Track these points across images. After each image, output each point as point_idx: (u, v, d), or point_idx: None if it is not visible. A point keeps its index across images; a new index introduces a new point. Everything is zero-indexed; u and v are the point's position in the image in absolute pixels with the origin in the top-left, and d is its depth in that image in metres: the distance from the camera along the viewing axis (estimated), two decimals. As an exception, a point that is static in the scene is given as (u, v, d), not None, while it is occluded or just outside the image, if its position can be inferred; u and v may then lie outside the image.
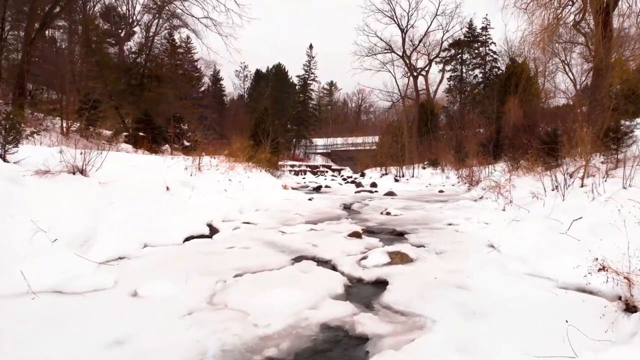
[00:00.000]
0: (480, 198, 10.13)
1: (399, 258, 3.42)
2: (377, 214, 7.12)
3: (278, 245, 4.23)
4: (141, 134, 18.24)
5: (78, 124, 15.55)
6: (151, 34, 26.92)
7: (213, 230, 4.78)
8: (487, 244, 4.29)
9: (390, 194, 11.07)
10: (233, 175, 9.87)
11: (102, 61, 24.00)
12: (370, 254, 3.59)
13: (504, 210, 6.40)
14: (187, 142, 19.65)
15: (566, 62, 32.94)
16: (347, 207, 8.63)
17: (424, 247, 4.28)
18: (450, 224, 5.72)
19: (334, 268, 3.50)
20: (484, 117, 22.55)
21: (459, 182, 17.15)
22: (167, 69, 24.59)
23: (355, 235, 4.53)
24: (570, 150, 9.25)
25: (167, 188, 5.62)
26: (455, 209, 7.54)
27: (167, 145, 18.08)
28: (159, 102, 23.19)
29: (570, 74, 31.22)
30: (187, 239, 4.38)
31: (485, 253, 3.89)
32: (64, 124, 14.88)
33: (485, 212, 6.43)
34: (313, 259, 3.82)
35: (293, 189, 16.08)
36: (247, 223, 5.51)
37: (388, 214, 6.78)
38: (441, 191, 13.14)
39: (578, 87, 32.17)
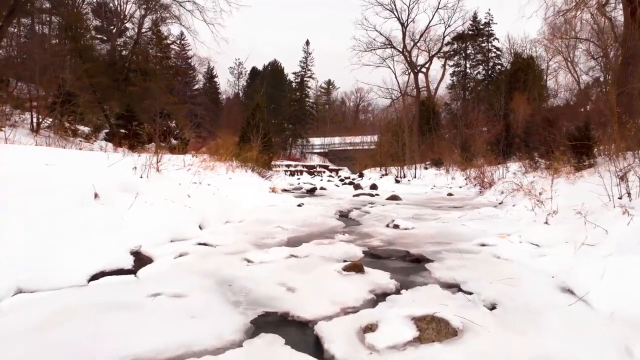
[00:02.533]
0: (501, 204, 8.64)
1: (433, 329, 1.91)
2: (381, 225, 5.60)
3: (234, 289, 2.70)
4: (122, 131, 16.76)
5: (51, 120, 14.05)
6: (138, 26, 25.71)
7: (142, 261, 3.22)
8: (559, 285, 2.78)
9: (394, 198, 9.57)
10: (211, 177, 8.40)
11: (85, 53, 22.71)
12: (382, 319, 2.05)
13: (546, 223, 4.93)
14: (174, 140, 18.27)
15: (569, 59, 31.74)
16: (343, 215, 7.13)
17: (460, 288, 2.77)
18: (483, 245, 4.22)
19: (317, 345, 1.98)
20: (492, 113, 21.09)
21: (466, 184, 15.67)
22: (153, 61, 23.04)
23: (355, 268, 3.01)
24: (610, 147, 7.82)
25: (96, 195, 4.10)
26: (479, 219, 6.04)
27: (152, 144, 16.69)
28: (144, 97, 21.70)
29: (573, 72, 29.96)
30: (94, 277, 2.84)
31: (566, 306, 2.38)
32: (35, 119, 13.36)
33: (523, 226, 4.94)
34: (285, 318, 2.30)
35: (285, 190, 14.54)
36: (204, 245, 3.97)
37: (396, 226, 5.26)
38: (450, 194, 11.65)
39: (582, 85, 31.05)
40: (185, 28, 20.24)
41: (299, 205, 7.68)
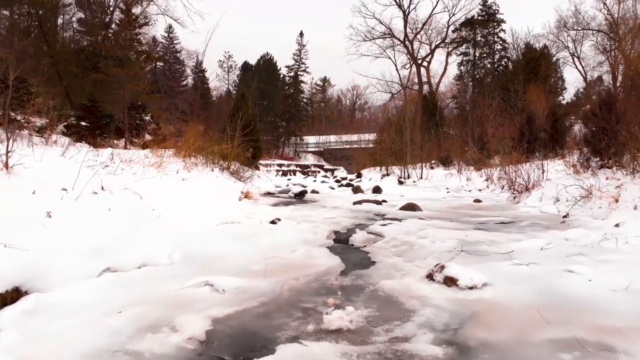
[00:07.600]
0: (566, 217, 6.06)
1: None
2: (415, 272, 2.96)
3: None
4: (83, 123, 13.96)
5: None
6: (112, 8, 23.23)
7: None
8: None
9: (410, 207, 6.93)
10: (151, 177, 5.80)
11: (53, 39, 20.39)
12: None
13: None
14: (148, 135, 15.62)
15: (576, 54, 29.39)
16: (341, 241, 4.49)
17: None
18: None
19: None
20: (507, 105, 18.56)
21: (488, 187, 13.09)
22: (124, 46, 20.29)
23: None
24: None
25: None
26: (579, 254, 3.42)
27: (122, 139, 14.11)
28: (111, 86, 18.99)
29: (580, 67, 27.71)
30: None
31: None
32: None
33: None
34: None
35: (268, 194, 11.86)
36: None
37: (450, 281, 2.61)
38: (478, 201, 9.03)
39: (588, 80, 28.73)
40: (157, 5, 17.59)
41: (273, 222, 5.02)
